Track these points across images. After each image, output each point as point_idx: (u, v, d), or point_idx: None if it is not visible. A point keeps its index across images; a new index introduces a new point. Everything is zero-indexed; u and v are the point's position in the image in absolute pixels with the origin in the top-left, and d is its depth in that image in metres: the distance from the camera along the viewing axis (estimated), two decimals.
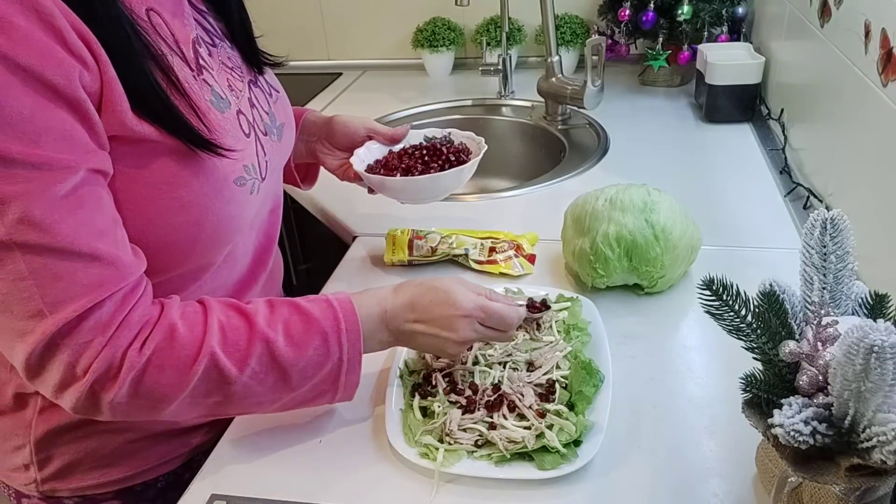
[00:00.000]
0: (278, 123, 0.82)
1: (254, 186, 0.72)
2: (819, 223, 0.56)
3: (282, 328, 0.66)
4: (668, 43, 1.55)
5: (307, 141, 1.00)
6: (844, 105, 1.00)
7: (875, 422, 0.48)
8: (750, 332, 0.56)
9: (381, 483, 0.69)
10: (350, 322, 0.69)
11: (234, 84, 0.75)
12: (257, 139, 0.75)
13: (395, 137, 1.01)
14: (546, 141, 1.52)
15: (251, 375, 0.64)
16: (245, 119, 0.73)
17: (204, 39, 0.73)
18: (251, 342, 0.64)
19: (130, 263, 0.61)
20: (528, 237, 1.06)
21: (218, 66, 0.73)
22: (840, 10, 1.02)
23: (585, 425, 0.69)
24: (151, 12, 0.66)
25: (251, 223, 0.78)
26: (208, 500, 0.68)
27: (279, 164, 0.82)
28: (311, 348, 0.67)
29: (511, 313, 0.74)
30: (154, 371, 0.61)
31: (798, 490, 0.59)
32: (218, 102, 0.70)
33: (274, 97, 0.83)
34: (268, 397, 0.67)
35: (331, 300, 0.70)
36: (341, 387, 0.70)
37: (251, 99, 0.77)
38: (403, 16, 1.85)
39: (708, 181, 1.21)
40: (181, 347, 0.62)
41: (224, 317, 0.65)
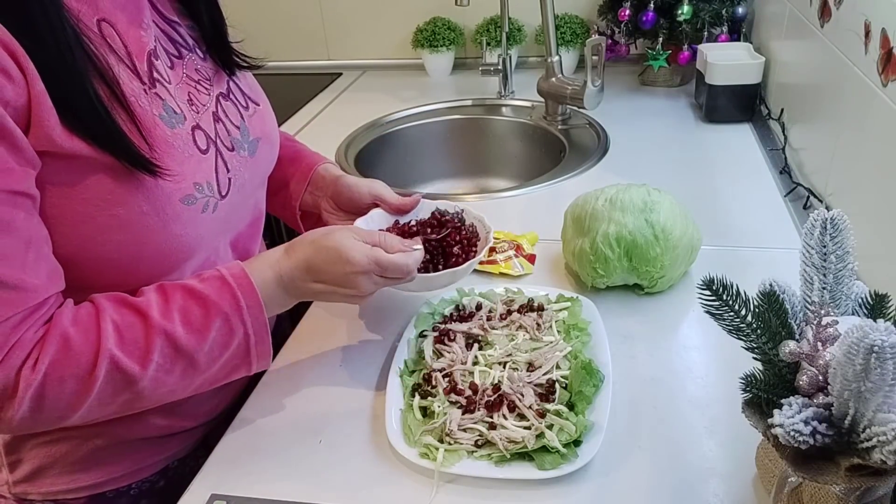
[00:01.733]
0: (252, 138, 0.79)
1: (207, 205, 0.70)
2: (819, 223, 0.56)
3: (179, 317, 0.65)
4: (668, 43, 1.55)
5: (314, 194, 0.96)
6: (844, 105, 1.00)
7: (875, 422, 0.48)
8: (750, 332, 0.56)
9: (381, 483, 0.69)
10: (249, 297, 0.68)
11: (197, 98, 0.73)
12: (218, 155, 0.73)
13: (403, 208, 0.93)
14: (546, 141, 1.52)
15: (156, 369, 0.64)
16: (203, 134, 0.71)
17: (168, 51, 0.72)
18: (149, 337, 0.63)
19: (37, 287, 0.59)
20: (528, 237, 1.06)
21: (179, 79, 0.72)
22: (840, 10, 1.02)
23: (585, 425, 0.69)
24: (103, 23, 0.65)
25: (219, 240, 0.77)
26: (208, 500, 0.68)
27: (253, 178, 0.80)
28: (213, 330, 0.66)
29: (406, 260, 0.73)
30: (53, 384, 0.60)
31: (798, 490, 0.59)
32: (169, 118, 0.68)
33: (251, 110, 0.81)
34: (179, 385, 0.67)
35: (224, 276, 0.68)
36: (254, 358, 0.70)
37: (217, 113, 0.75)
38: (403, 16, 1.85)
39: (708, 181, 1.21)
40: (78, 355, 0.60)
41: (118, 315, 0.63)
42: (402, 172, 1.58)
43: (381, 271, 0.72)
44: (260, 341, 0.69)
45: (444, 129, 1.64)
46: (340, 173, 0.96)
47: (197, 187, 0.69)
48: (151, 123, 0.65)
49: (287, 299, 0.73)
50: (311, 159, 0.98)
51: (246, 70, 0.84)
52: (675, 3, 1.51)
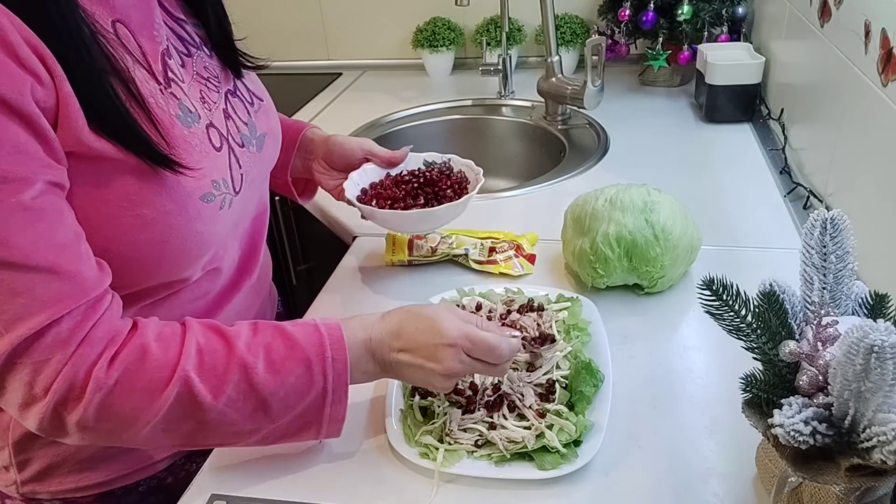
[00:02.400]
0: (258, 133, 0.80)
1: (224, 201, 0.70)
2: (819, 223, 0.56)
3: (263, 353, 0.64)
4: (668, 43, 1.55)
5: (304, 158, 0.99)
6: (844, 105, 1.00)
7: (875, 422, 0.48)
8: (750, 332, 0.56)
9: (381, 483, 0.69)
10: (337, 350, 0.66)
11: (208, 95, 0.73)
12: (231, 152, 0.73)
13: (393, 160, 0.99)
14: (546, 141, 1.52)
15: (227, 403, 0.62)
16: (217, 132, 0.72)
17: (178, 50, 0.72)
18: (229, 367, 0.62)
19: (92, 278, 0.59)
20: (528, 237, 1.06)
21: (191, 77, 0.72)
22: (840, 10, 1.02)
23: (585, 425, 0.69)
24: (118, 24, 0.64)
25: (228, 236, 0.76)
26: (208, 500, 0.68)
27: (260, 174, 0.81)
28: (292, 376, 0.64)
29: (501, 344, 0.68)
30: (123, 392, 0.59)
31: (798, 490, 0.59)
32: (185, 117, 0.68)
33: (256, 106, 0.82)
34: (246, 427, 0.64)
35: (318, 325, 0.67)
36: (325, 419, 0.67)
37: (227, 110, 0.75)
38: (403, 16, 1.84)
39: (708, 181, 1.21)
40: (153, 369, 0.60)
41: (203, 339, 0.63)
42: None
43: (470, 348, 0.67)
44: (337, 400, 0.66)
45: (444, 129, 1.64)
46: (328, 134, 0.99)
47: (214, 185, 0.69)
48: (169, 123, 0.65)
49: (372, 366, 0.69)
50: (297, 125, 1.00)
51: (251, 70, 0.84)
52: (675, 3, 1.51)
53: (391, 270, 1.03)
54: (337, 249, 1.11)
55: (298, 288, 1.51)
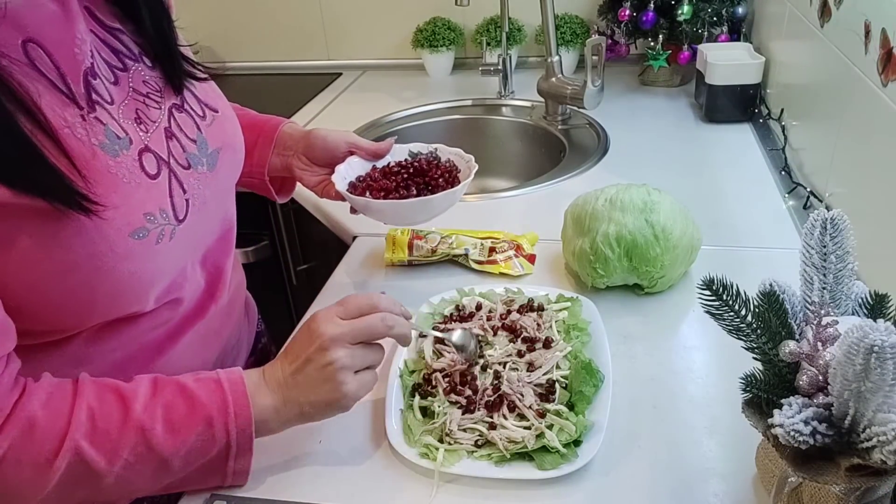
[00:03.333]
0: (210, 150, 0.73)
1: (162, 234, 0.64)
2: (819, 223, 0.56)
3: (161, 413, 0.61)
4: (668, 43, 1.55)
5: (282, 155, 0.94)
6: (844, 105, 1.00)
7: (875, 422, 0.48)
8: (750, 332, 0.56)
9: (381, 483, 0.69)
10: (240, 406, 0.64)
11: (146, 114, 0.66)
12: (172, 177, 0.66)
13: (379, 153, 0.95)
14: (546, 141, 1.52)
15: (124, 466, 0.59)
16: (153, 157, 0.65)
17: (111, 64, 0.65)
18: (124, 431, 0.59)
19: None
20: (528, 237, 1.06)
21: (125, 95, 0.65)
22: (840, 10, 1.02)
23: (585, 425, 0.69)
24: (30, 44, 0.57)
25: (186, 263, 0.71)
26: (208, 500, 0.68)
27: (216, 193, 0.74)
28: (193, 434, 0.62)
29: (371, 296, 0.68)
30: (10, 466, 0.55)
31: (798, 490, 0.59)
32: (112, 145, 0.61)
33: (209, 119, 0.74)
34: (147, 485, 0.62)
35: (221, 381, 0.65)
36: (230, 471, 0.66)
37: (170, 128, 0.68)
38: (403, 16, 1.84)
39: (708, 181, 1.21)
40: (41, 441, 0.56)
41: (96, 402, 0.59)
42: None
43: (345, 333, 0.66)
44: (241, 453, 0.65)
45: (444, 129, 1.64)
46: (308, 129, 0.95)
47: (148, 218, 0.62)
48: (90, 154, 0.59)
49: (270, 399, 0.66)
50: (272, 122, 0.95)
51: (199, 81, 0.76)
52: (675, 3, 1.51)
53: (391, 270, 1.03)
54: (337, 249, 1.11)
55: (298, 288, 1.51)
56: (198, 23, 1.94)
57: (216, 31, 1.95)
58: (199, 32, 2.08)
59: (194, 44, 0.78)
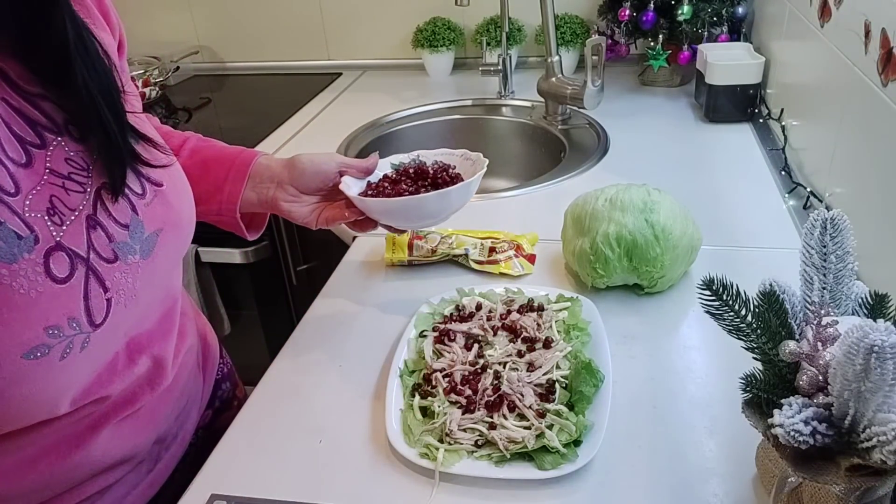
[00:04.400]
0: (147, 234, 0.62)
1: (70, 345, 0.54)
2: (819, 223, 0.56)
3: None
4: (668, 43, 1.55)
5: (260, 189, 0.84)
6: (844, 105, 1.00)
7: (875, 422, 0.48)
8: (750, 332, 0.56)
9: (381, 483, 0.69)
10: None
11: (64, 201, 0.55)
12: (89, 276, 0.56)
13: (368, 168, 0.88)
14: (546, 141, 1.52)
15: None
16: (65, 256, 0.54)
17: (24, 139, 0.54)
18: None
19: None
20: (528, 237, 1.06)
21: (38, 179, 0.54)
22: (840, 10, 1.02)
23: (585, 425, 0.69)
24: None
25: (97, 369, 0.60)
26: (208, 500, 0.68)
27: (152, 279, 0.63)
28: None
29: None
30: None
31: (798, 490, 0.59)
32: (8, 248, 0.50)
33: (148, 197, 0.63)
34: None
35: None
36: None
37: (94, 215, 0.57)
38: (403, 16, 1.85)
39: (708, 181, 1.21)
40: None
41: None
42: None
43: None
44: None
45: (444, 129, 1.64)
46: (288, 159, 0.86)
47: (51, 332, 0.52)
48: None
49: None
50: (244, 155, 0.85)
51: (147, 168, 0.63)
52: (675, 3, 1.51)
53: (391, 270, 1.03)
54: (337, 249, 1.11)
55: (298, 288, 1.51)
56: (198, 23, 1.95)
57: (216, 31, 1.95)
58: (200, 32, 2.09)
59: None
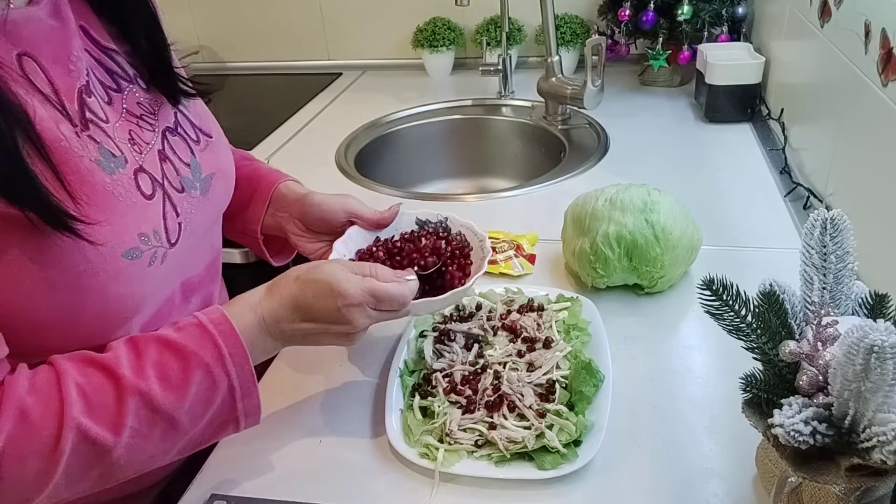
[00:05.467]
0: (204, 175, 0.72)
1: (154, 256, 0.63)
2: (819, 223, 0.56)
3: (154, 373, 0.58)
4: (668, 43, 1.55)
5: (276, 215, 0.86)
6: (844, 105, 1.00)
7: (875, 422, 0.48)
8: (750, 332, 0.56)
9: (381, 483, 0.69)
10: (232, 344, 0.62)
11: (140, 136, 0.66)
12: (166, 199, 0.65)
13: (382, 222, 0.84)
14: (546, 141, 1.52)
15: (132, 435, 0.57)
16: (148, 177, 0.64)
17: (105, 84, 0.65)
18: (121, 399, 0.57)
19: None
20: (528, 237, 1.06)
21: (118, 116, 0.64)
22: (840, 10, 1.02)
23: (585, 425, 0.69)
24: (25, 58, 0.57)
25: (175, 291, 0.70)
26: (208, 500, 0.68)
27: (207, 219, 0.73)
28: (193, 385, 0.60)
29: (403, 290, 0.68)
30: (13, 463, 0.53)
31: (798, 490, 0.59)
32: (107, 162, 0.60)
33: (202, 144, 0.73)
34: (159, 449, 0.60)
35: (203, 324, 0.62)
36: (241, 414, 0.64)
37: (164, 151, 0.68)
38: (403, 16, 1.84)
39: (708, 181, 1.21)
40: (39, 428, 0.54)
41: (82, 377, 0.57)
42: (402, 172, 1.58)
43: (375, 302, 0.66)
44: (247, 394, 0.63)
45: (444, 129, 1.64)
46: (306, 191, 0.86)
47: (142, 238, 0.61)
48: (86, 170, 0.58)
49: (272, 344, 0.66)
50: (271, 177, 0.88)
51: (194, 98, 0.76)
52: (675, 3, 1.51)
53: None
54: None
55: None
56: (198, 23, 1.95)
57: (216, 31, 1.95)
58: (200, 32, 2.08)
59: (196, 52, 0.77)
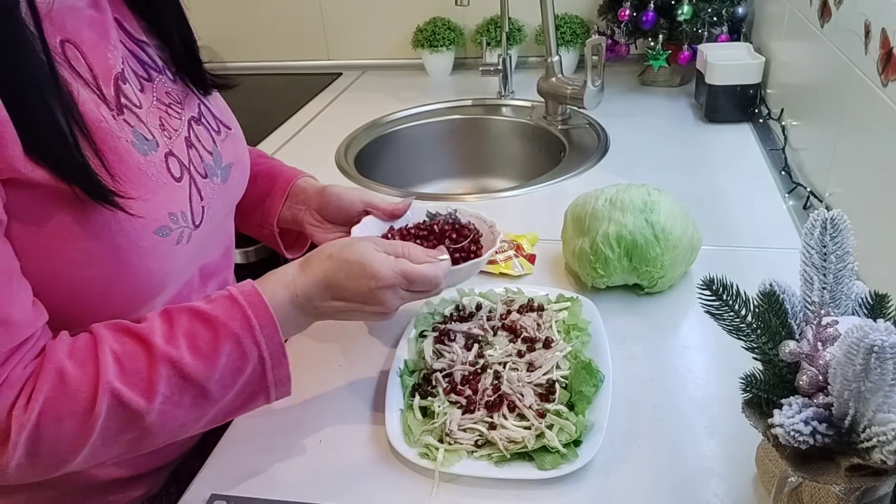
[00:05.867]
0: (224, 164, 0.76)
1: (182, 235, 0.66)
2: (819, 223, 0.56)
3: (185, 342, 0.60)
4: (668, 43, 1.55)
5: (294, 209, 0.91)
6: (844, 105, 1.00)
7: (875, 422, 0.48)
8: (750, 332, 0.56)
9: (381, 483, 0.69)
10: (262, 315, 0.63)
11: (169, 123, 0.69)
12: (192, 183, 0.69)
13: (396, 213, 0.89)
14: (546, 141, 1.52)
15: (164, 401, 0.59)
16: (177, 161, 0.68)
17: (138, 73, 0.68)
18: (153, 366, 0.59)
19: (22, 321, 0.56)
20: (528, 237, 1.06)
21: (150, 103, 0.68)
22: (840, 10, 1.02)
23: (585, 425, 0.69)
24: (67, 44, 0.60)
25: (194, 275, 0.73)
26: (208, 500, 0.68)
27: (225, 206, 0.77)
28: (223, 354, 0.61)
29: (436, 272, 0.69)
30: (50, 424, 0.55)
31: (798, 490, 0.59)
32: (141, 144, 0.64)
33: (223, 134, 0.78)
34: (190, 417, 0.62)
35: (234, 295, 0.64)
36: (272, 384, 0.65)
37: (190, 138, 0.71)
38: (403, 16, 1.84)
39: (708, 181, 1.21)
40: (75, 391, 0.56)
41: (118, 344, 0.59)
42: (402, 172, 1.58)
43: (408, 284, 0.68)
44: (277, 364, 0.64)
45: (444, 129, 1.64)
46: (323, 185, 0.92)
47: (171, 217, 0.64)
48: (123, 150, 0.61)
49: (304, 320, 0.68)
50: (289, 173, 0.93)
51: (220, 89, 0.80)
52: (675, 3, 1.51)
53: None
54: None
55: None
56: (198, 23, 1.94)
57: (216, 31, 1.95)
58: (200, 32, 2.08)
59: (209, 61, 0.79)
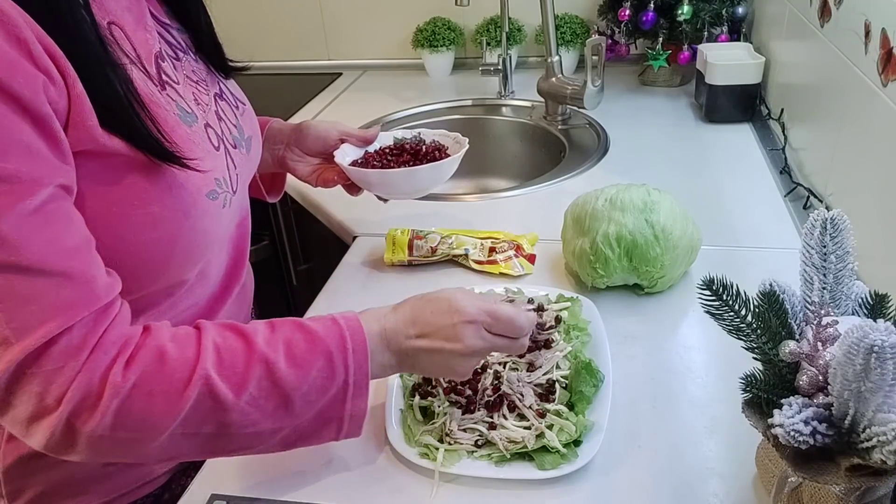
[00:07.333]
0: (246, 136, 0.81)
1: (226, 200, 0.71)
2: (819, 223, 0.56)
3: (283, 348, 0.62)
4: (668, 43, 1.55)
5: (273, 149, 0.99)
6: (844, 105, 1.00)
7: (875, 422, 0.48)
8: (750, 332, 0.56)
9: (381, 483, 0.69)
10: (357, 341, 0.64)
11: (200, 98, 0.74)
12: (227, 152, 0.74)
13: (368, 139, 1.01)
14: (546, 141, 1.52)
15: (249, 401, 0.60)
16: (213, 132, 0.72)
17: (168, 54, 0.72)
18: (249, 364, 0.60)
19: (104, 284, 0.57)
20: (528, 237, 1.06)
21: (183, 80, 0.72)
22: (840, 10, 1.02)
23: (585, 425, 0.69)
24: (113, 26, 0.64)
25: (225, 236, 0.78)
26: (208, 500, 0.68)
27: (248, 176, 0.82)
28: (314, 369, 0.62)
29: (520, 316, 0.68)
30: (141, 397, 0.56)
31: (798, 490, 0.59)
32: (185, 117, 0.68)
33: (241, 109, 0.83)
34: (267, 425, 0.62)
35: (336, 318, 0.66)
36: (346, 415, 0.64)
37: (218, 112, 0.76)
38: (403, 16, 1.85)
39: (708, 181, 1.21)
40: (172, 370, 0.57)
41: (220, 338, 0.61)
42: None
43: (491, 324, 0.66)
44: (357, 394, 0.64)
45: (444, 129, 1.63)
46: (296, 124, 1.00)
47: (217, 182, 0.69)
48: (173, 122, 0.66)
49: (388, 358, 0.67)
50: (261, 120, 0.97)
51: (239, 71, 0.86)
52: (675, 3, 1.51)
53: (391, 270, 1.03)
54: (337, 249, 1.11)
55: (298, 288, 1.51)
56: None
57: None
58: None
59: None
